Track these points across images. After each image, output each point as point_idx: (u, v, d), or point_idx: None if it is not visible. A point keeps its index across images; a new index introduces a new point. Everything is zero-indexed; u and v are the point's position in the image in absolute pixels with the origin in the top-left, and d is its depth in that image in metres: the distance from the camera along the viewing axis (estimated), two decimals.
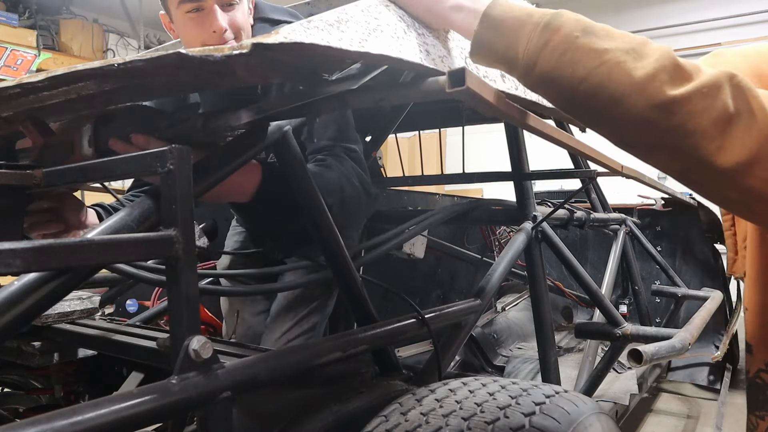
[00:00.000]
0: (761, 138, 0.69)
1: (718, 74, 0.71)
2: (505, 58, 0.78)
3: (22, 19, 6.61)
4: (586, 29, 0.74)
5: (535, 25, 0.76)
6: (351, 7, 0.74)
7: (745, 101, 0.70)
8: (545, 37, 0.74)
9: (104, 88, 0.76)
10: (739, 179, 0.70)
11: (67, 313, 1.37)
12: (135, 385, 1.30)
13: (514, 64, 0.77)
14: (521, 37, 0.76)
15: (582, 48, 0.73)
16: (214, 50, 0.63)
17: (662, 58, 0.71)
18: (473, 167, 2.30)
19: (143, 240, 0.67)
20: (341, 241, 1.16)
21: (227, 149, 0.97)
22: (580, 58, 0.72)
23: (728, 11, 7.12)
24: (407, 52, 0.77)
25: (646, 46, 0.73)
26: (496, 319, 3.19)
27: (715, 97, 0.69)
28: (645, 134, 0.72)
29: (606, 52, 0.72)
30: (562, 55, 0.73)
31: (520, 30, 0.76)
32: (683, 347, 1.77)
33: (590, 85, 0.72)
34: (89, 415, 0.58)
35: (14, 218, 0.92)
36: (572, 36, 0.73)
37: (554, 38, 0.74)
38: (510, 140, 1.93)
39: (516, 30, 0.77)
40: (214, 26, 1.28)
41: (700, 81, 0.70)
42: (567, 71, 0.73)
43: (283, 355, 0.87)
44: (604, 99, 0.72)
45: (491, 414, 0.84)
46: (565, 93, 0.75)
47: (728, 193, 0.74)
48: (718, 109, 0.69)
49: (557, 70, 0.74)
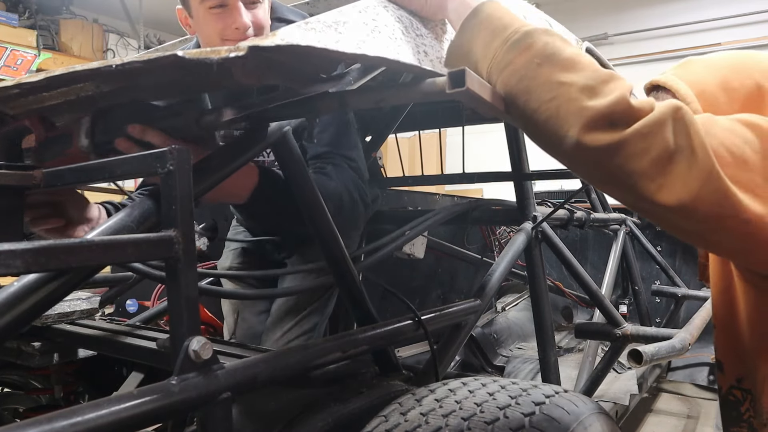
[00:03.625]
0: (702, 175, 0.69)
1: (664, 111, 0.70)
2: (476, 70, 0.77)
3: (22, 19, 6.61)
4: (550, 57, 0.72)
5: (504, 41, 0.74)
6: (349, 8, 0.74)
7: (687, 138, 0.69)
8: (509, 57, 0.73)
9: (103, 89, 0.76)
10: (683, 215, 0.71)
11: (67, 313, 1.37)
12: (135, 386, 1.30)
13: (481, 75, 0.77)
14: (489, 52, 0.75)
15: (539, 78, 0.71)
16: (211, 52, 0.63)
17: (616, 100, 0.69)
18: (473, 167, 2.30)
19: (143, 241, 0.67)
20: (341, 242, 1.16)
21: (227, 149, 0.97)
22: (535, 88, 0.71)
23: (728, 11, 7.12)
24: (405, 53, 0.77)
25: (605, 85, 0.70)
26: (496, 319, 3.18)
27: (655, 135, 0.68)
28: (592, 171, 0.73)
29: (561, 86, 0.70)
30: (519, 81, 0.72)
31: (490, 45, 0.75)
32: (683, 347, 1.77)
33: (540, 118, 0.71)
34: (89, 415, 0.58)
35: (14, 218, 0.92)
36: (533, 63, 0.72)
37: (517, 61, 0.73)
38: (510, 140, 1.93)
39: (487, 44, 0.76)
40: (238, 23, 1.29)
41: (644, 122, 0.69)
42: (521, 99, 0.72)
43: (283, 355, 0.87)
44: (551, 134, 0.71)
45: (491, 414, 0.84)
46: (520, 118, 0.75)
47: (680, 225, 0.74)
48: (658, 149, 0.68)
49: (513, 95, 0.73)
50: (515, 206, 1.89)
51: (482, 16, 0.77)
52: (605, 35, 7.77)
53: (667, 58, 7.30)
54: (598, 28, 7.74)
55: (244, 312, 1.81)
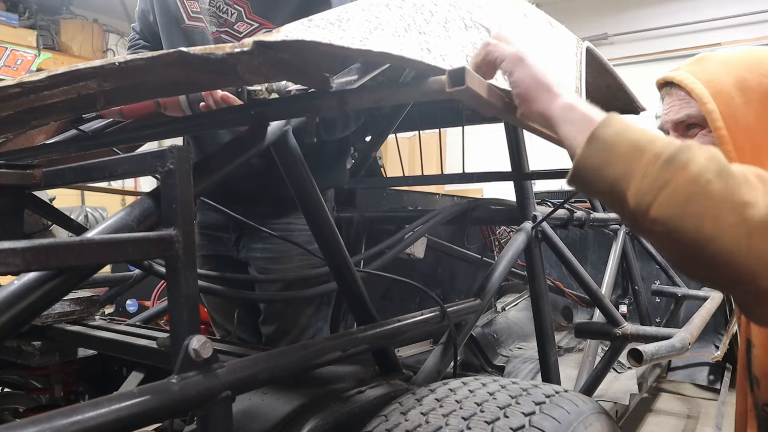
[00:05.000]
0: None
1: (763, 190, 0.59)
2: (612, 191, 0.64)
3: (22, 19, 6.61)
4: (721, 171, 0.59)
5: (655, 156, 0.61)
6: (352, 6, 0.74)
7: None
8: (667, 175, 0.60)
9: (105, 88, 0.76)
10: None
11: (67, 313, 1.37)
12: (135, 385, 1.30)
13: (622, 200, 0.64)
14: (636, 169, 0.62)
15: (714, 197, 0.58)
16: (215, 48, 0.63)
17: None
18: (473, 167, 2.30)
19: (143, 239, 0.67)
20: (341, 242, 1.16)
21: (227, 149, 0.97)
22: (711, 210, 0.58)
23: (728, 11, 7.13)
24: (408, 49, 0.77)
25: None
26: (496, 319, 3.18)
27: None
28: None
29: (746, 207, 0.57)
30: (686, 202, 0.59)
31: (635, 160, 0.62)
32: (683, 347, 1.77)
33: (720, 248, 0.58)
34: (89, 414, 0.58)
35: (14, 218, 0.92)
36: (702, 179, 0.59)
37: (678, 178, 0.59)
38: (510, 140, 1.93)
39: (631, 159, 0.63)
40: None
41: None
42: (690, 224, 0.58)
43: (283, 354, 0.87)
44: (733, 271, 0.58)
45: (491, 414, 0.84)
46: (685, 250, 0.61)
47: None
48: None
49: (677, 219, 0.59)
50: (515, 206, 1.89)
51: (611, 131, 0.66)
52: (605, 35, 7.78)
53: (667, 58, 7.30)
54: (598, 28, 7.74)
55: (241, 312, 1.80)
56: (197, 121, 1.11)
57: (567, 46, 1.34)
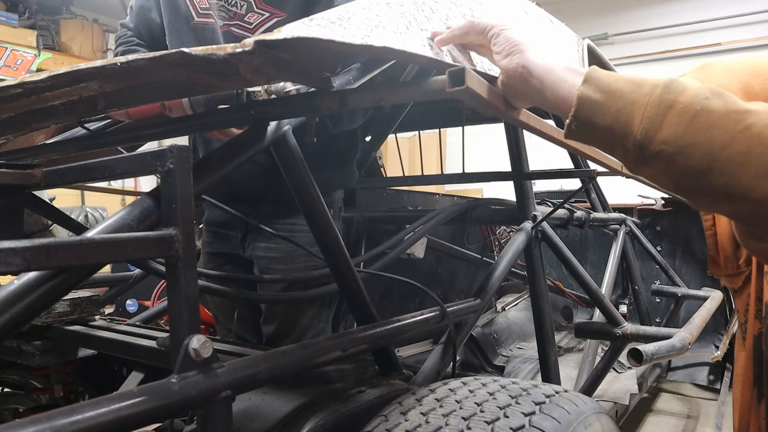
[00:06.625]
0: None
1: None
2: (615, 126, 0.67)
3: (22, 19, 6.62)
4: (715, 91, 0.63)
5: (653, 86, 0.65)
6: (352, 5, 0.74)
7: None
8: (669, 98, 0.63)
9: (106, 89, 0.76)
10: None
11: (67, 312, 1.37)
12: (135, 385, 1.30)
13: (627, 132, 0.66)
14: (638, 98, 0.65)
15: (718, 110, 0.61)
16: (217, 48, 0.63)
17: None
18: (473, 167, 2.30)
19: (143, 239, 0.67)
20: (342, 242, 1.16)
21: (227, 149, 0.97)
22: (718, 121, 0.61)
23: (728, 11, 7.12)
24: (410, 45, 0.77)
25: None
26: (496, 319, 3.18)
27: None
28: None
29: (748, 114, 0.61)
30: (694, 118, 0.62)
31: (635, 91, 0.66)
32: (683, 347, 1.77)
33: (735, 152, 0.60)
34: (89, 414, 0.58)
35: (15, 217, 0.92)
36: (701, 97, 0.62)
37: (680, 99, 0.63)
38: (510, 140, 1.93)
39: (629, 92, 0.66)
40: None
41: None
42: (701, 136, 0.61)
43: (283, 354, 0.87)
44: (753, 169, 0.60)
45: (491, 414, 0.84)
46: (698, 165, 0.63)
47: None
48: None
49: (688, 135, 0.62)
50: (515, 206, 1.89)
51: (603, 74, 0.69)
52: (605, 35, 7.78)
53: (667, 58, 7.31)
54: (598, 28, 7.74)
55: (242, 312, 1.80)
56: (198, 121, 1.11)
57: (568, 43, 1.34)
